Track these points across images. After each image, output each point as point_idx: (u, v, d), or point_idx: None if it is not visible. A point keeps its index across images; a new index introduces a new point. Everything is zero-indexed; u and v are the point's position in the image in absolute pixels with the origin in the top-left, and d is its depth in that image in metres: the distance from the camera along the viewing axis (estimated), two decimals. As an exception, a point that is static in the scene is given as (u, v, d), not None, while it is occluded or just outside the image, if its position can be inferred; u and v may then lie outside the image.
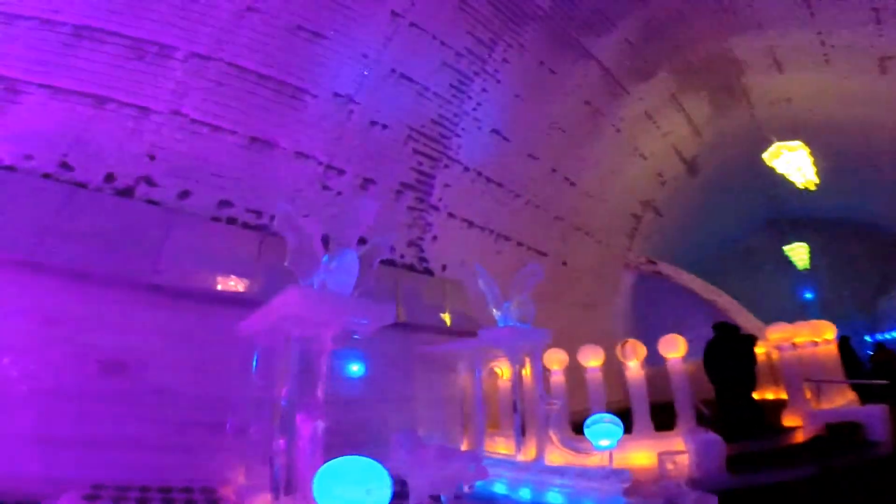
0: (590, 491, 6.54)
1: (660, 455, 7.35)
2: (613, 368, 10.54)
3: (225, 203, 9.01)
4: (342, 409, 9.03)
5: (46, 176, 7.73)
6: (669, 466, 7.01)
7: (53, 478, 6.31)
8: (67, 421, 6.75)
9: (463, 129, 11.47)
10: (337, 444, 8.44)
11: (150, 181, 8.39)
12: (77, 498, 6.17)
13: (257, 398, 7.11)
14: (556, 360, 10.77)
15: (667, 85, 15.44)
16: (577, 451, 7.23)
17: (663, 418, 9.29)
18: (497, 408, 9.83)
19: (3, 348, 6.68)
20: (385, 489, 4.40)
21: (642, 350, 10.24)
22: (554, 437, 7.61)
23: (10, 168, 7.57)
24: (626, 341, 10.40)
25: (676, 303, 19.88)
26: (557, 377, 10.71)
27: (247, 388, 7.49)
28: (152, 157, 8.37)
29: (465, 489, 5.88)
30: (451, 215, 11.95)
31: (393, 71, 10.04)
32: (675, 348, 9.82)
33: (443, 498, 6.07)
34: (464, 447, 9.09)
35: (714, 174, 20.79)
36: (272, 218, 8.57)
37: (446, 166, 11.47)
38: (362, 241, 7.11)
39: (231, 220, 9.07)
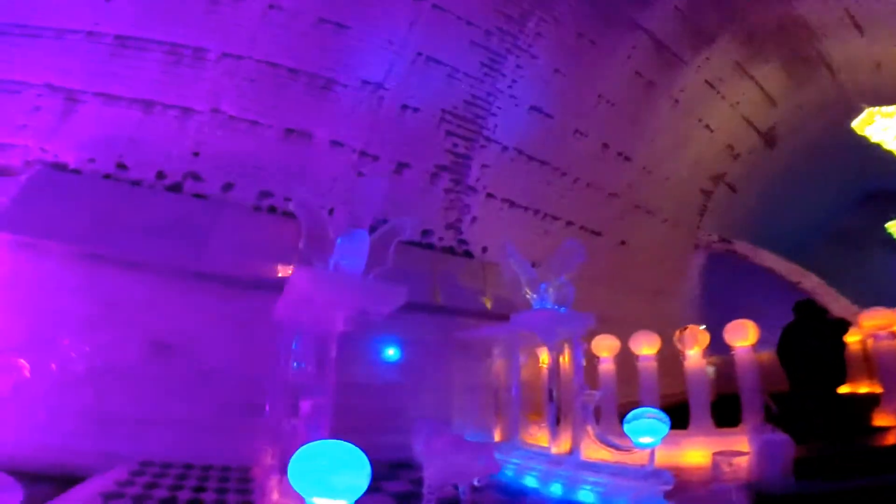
0: (625, 491, 5.64)
1: (714, 455, 6.21)
2: (674, 358, 9.29)
3: (265, 194, 9.03)
4: (377, 394, 8.77)
5: (107, 176, 8.14)
6: (725, 468, 5.88)
7: (106, 453, 6.55)
8: (121, 399, 7.00)
9: (499, 107, 10.64)
10: (373, 430, 8.23)
11: (196, 176, 8.56)
12: (125, 473, 6.37)
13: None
14: (604, 346, 9.70)
15: (729, 53, 13.57)
16: (615, 447, 6.29)
17: (729, 413, 8.03)
18: (540, 396, 9.02)
19: (66, 330, 7.06)
20: (361, 476, 3.91)
21: (704, 337, 8.94)
22: (590, 431, 6.70)
23: (77, 171, 8.04)
24: (686, 327, 9.15)
25: (754, 286, 17.56)
26: (607, 366, 9.66)
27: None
28: (196, 154, 8.53)
29: (476, 482, 5.26)
30: (490, 196, 11.19)
31: (419, 54, 9.48)
32: (743, 335, 8.40)
33: (460, 489, 5.54)
34: (497, 437, 8.41)
35: (797, 146, 18.04)
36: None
37: (483, 146, 10.71)
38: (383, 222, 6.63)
39: (271, 210, 9.07)
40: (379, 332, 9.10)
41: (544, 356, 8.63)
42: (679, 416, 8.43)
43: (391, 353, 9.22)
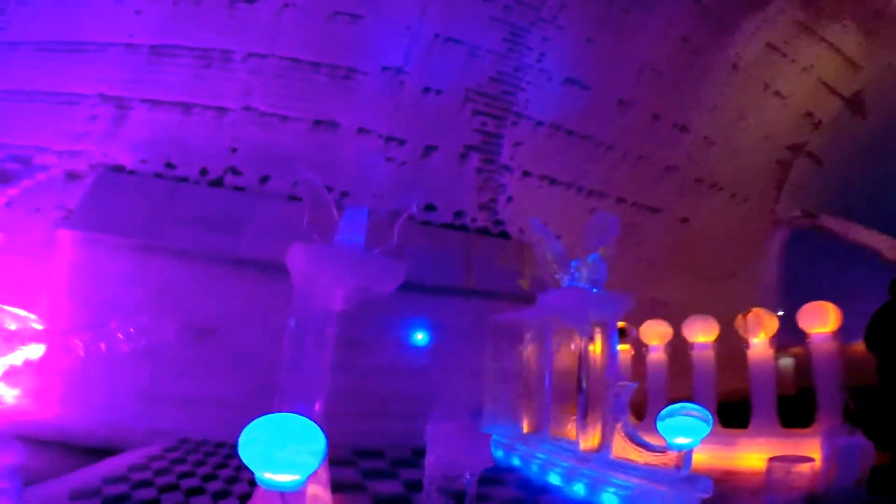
0: (653, 497, 4.64)
1: (770, 461, 4.95)
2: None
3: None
4: (406, 379, 8.29)
5: (158, 175, 8.47)
6: (780, 476, 4.64)
7: (151, 430, 6.73)
8: (165, 379, 7.18)
9: (528, 82, 9.66)
10: (400, 415, 7.78)
11: (235, 171, 8.69)
12: (159, 448, 6.48)
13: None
14: (654, 333, 8.45)
15: (789, 13, 11.41)
16: (645, 446, 5.22)
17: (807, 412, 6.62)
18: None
19: (118, 314, 7.35)
20: (311, 452, 3.40)
21: (771, 323, 7.42)
22: (619, 427, 5.67)
23: (133, 172, 8.41)
24: (750, 311, 7.67)
25: (847, 266, 14.75)
26: (656, 355, 8.40)
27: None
28: (234, 150, 8.64)
29: (468, 475, 4.59)
30: (526, 174, 10.25)
31: (437, 36, 8.84)
32: (820, 320, 6.84)
33: (465, 481, 4.91)
34: (525, 428, 7.55)
35: (891, 111, 14.81)
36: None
37: (514, 123, 9.80)
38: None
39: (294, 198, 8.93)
40: (409, 314, 8.64)
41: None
42: (743, 414, 7.11)
43: (420, 337, 8.71)
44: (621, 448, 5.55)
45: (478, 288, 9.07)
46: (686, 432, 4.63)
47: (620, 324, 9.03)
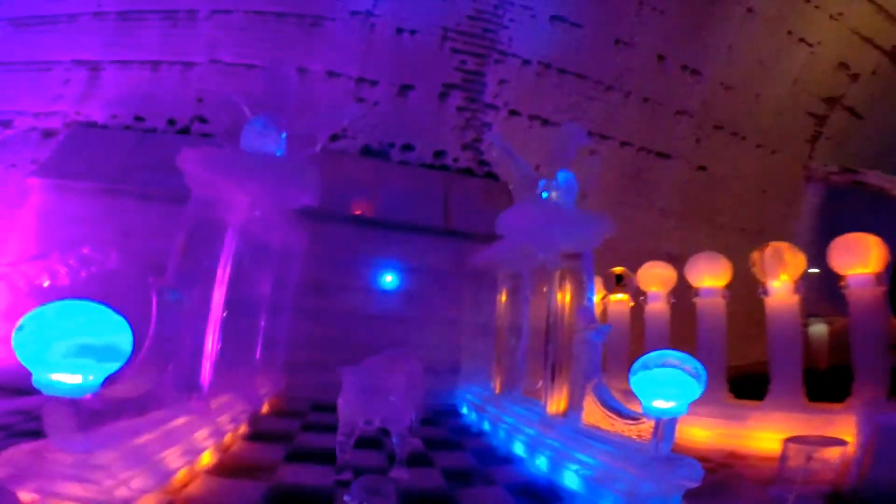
0: (622, 478, 3.00)
1: (786, 442, 3.15)
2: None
3: None
4: (375, 326, 6.90)
5: (127, 128, 7.78)
6: (799, 462, 2.84)
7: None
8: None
9: (511, 20, 7.99)
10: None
11: (202, 119, 7.93)
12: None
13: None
14: (655, 278, 6.44)
15: None
16: (616, 411, 3.53)
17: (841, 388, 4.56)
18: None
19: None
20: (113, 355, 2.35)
21: (796, 260, 5.27)
22: (589, 388, 3.99)
23: (104, 126, 7.75)
24: (767, 245, 5.52)
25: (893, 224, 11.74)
26: (656, 305, 6.45)
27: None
28: (200, 100, 7.74)
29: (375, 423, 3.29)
30: (514, 113, 8.56)
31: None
32: (859, 257, 4.73)
33: (393, 440, 3.57)
34: (496, 388, 5.97)
35: None
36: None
37: (498, 61, 8.16)
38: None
39: None
40: (379, 255, 7.27)
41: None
42: (761, 386, 5.11)
43: (390, 279, 7.30)
44: (594, 414, 3.90)
45: (456, 228, 7.54)
46: (667, 392, 2.92)
47: (617, 269, 7.20)
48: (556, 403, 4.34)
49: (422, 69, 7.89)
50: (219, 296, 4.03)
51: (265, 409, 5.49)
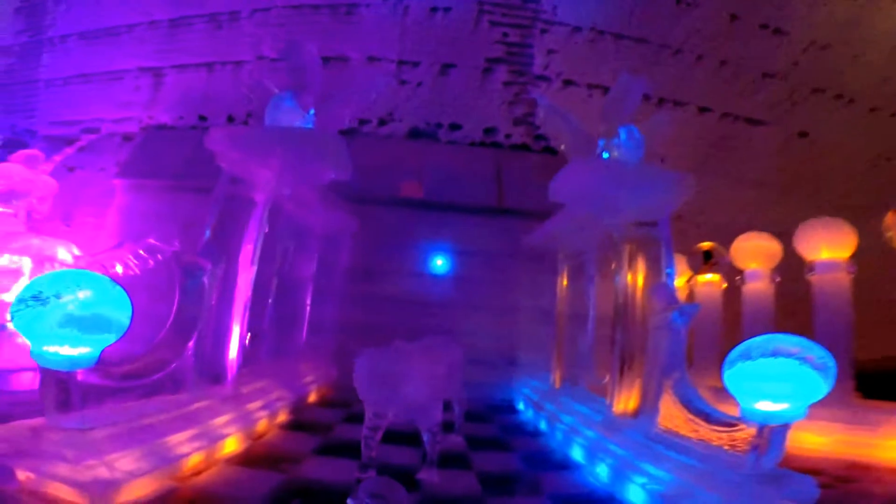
0: (703, 498, 2.16)
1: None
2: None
3: None
4: (423, 312, 6.38)
5: (193, 127, 8.10)
6: None
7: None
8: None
9: (552, -14, 7.06)
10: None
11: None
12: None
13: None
14: (754, 251, 5.18)
15: None
16: (704, 415, 2.63)
17: None
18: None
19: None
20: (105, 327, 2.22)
21: None
22: (667, 385, 3.09)
23: (172, 127, 8.16)
24: None
25: None
26: (756, 285, 5.18)
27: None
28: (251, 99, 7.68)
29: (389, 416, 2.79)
30: (569, 83, 7.62)
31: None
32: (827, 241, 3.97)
33: (423, 437, 3.04)
34: (555, 382, 5.13)
35: None
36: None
37: (544, 31, 7.33)
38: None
39: None
40: (428, 238, 6.80)
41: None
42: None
43: (440, 263, 6.77)
44: (673, 417, 3.02)
45: (511, 207, 6.81)
46: (777, 391, 2.03)
47: (705, 244, 5.98)
48: (623, 402, 3.49)
49: (460, 46, 7.36)
50: (246, 277, 3.80)
51: (312, 397, 5.26)
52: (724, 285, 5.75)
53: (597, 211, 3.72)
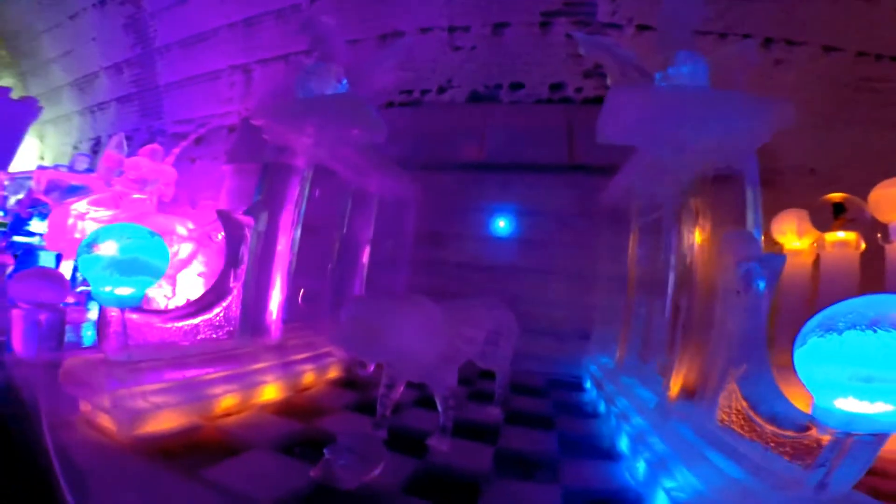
0: None
1: None
2: None
3: (378, 93, 7.93)
4: (489, 279, 6.15)
5: None
6: None
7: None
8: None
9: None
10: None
11: None
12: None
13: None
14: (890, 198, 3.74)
15: None
16: (775, 419, 1.86)
17: None
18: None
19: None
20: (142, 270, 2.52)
21: None
22: (732, 377, 2.29)
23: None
24: None
25: None
26: None
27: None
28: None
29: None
30: (644, 28, 6.35)
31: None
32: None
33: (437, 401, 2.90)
34: (620, 359, 4.38)
35: None
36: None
37: None
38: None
39: (389, 104, 7.84)
40: (497, 201, 6.47)
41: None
42: None
43: (503, 224, 6.38)
44: (732, 410, 2.27)
45: (584, 163, 6.06)
46: (871, 384, 1.33)
47: (835, 195, 4.48)
48: (678, 387, 2.79)
49: (510, 3, 6.70)
50: (287, 236, 4.00)
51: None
52: (863, 246, 4.23)
53: (657, 149, 2.96)
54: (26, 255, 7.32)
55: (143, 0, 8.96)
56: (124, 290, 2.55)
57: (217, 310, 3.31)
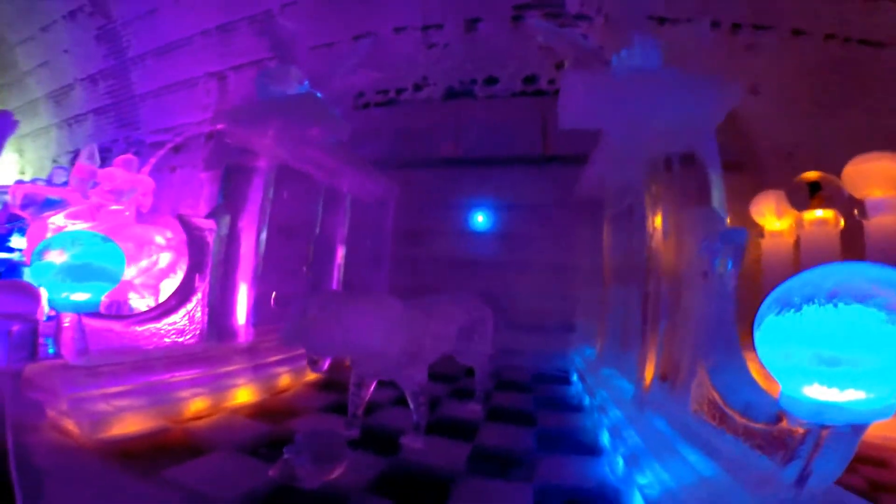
0: None
1: None
2: None
3: (359, 94, 7.79)
4: (472, 274, 6.10)
5: None
6: None
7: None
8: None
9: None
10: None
11: None
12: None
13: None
14: (876, 174, 3.78)
15: None
16: (748, 409, 1.75)
17: None
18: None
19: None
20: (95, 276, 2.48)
21: None
22: (702, 366, 2.19)
23: None
24: None
25: None
26: (885, 219, 3.76)
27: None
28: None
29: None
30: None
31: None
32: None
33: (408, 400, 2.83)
34: (599, 351, 4.36)
35: None
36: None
37: None
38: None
39: (366, 106, 7.77)
40: (473, 196, 6.45)
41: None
42: None
43: (481, 219, 6.36)
44: (704, 399, 2.21)
45: (557, 153, 6.06)
46: (839, 368, 1.17)
47: (810, 174, 4.48)
48: (649, 377, 2.75)
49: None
50: (251, 236, 3.92)
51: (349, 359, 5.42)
52: (842, 223, 4.24)
53: (613, 131, 2.92)
54: (9, 272, 7.18)
55: (114, 10, 8.82)
56: (80, 296, 2.51)
57: (181, 313, 3.22)
